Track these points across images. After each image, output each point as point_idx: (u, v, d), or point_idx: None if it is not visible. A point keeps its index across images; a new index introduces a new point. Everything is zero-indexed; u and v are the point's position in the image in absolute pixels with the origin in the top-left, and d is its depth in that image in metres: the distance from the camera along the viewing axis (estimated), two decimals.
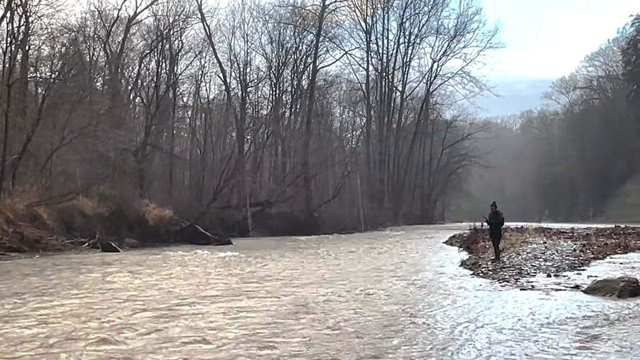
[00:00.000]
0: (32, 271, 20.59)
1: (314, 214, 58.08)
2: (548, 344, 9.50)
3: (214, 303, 13.54)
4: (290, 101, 68.69)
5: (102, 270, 20.88)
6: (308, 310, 12.64)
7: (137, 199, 39.91)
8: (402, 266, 22.87)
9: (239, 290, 15.80)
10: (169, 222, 39.65)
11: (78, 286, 16.49)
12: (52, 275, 19.23)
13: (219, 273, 20.57)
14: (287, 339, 9.90)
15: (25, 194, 32.59)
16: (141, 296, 14.69)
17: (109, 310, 12.49)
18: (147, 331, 10.39)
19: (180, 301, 13.78)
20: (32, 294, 14.88)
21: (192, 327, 10.75)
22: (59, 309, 12.65)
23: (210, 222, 42.86)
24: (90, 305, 13.26)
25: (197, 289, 15.96)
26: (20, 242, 28.78)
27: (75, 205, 34.46)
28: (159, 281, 17.87)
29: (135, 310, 12.55)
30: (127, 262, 24.74)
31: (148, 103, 51.28)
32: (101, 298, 14.36)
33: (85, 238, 32.53)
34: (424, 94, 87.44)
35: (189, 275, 19.90)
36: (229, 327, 10.81)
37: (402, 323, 11.21)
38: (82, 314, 12.05)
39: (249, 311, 12.44)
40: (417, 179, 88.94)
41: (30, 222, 31.00)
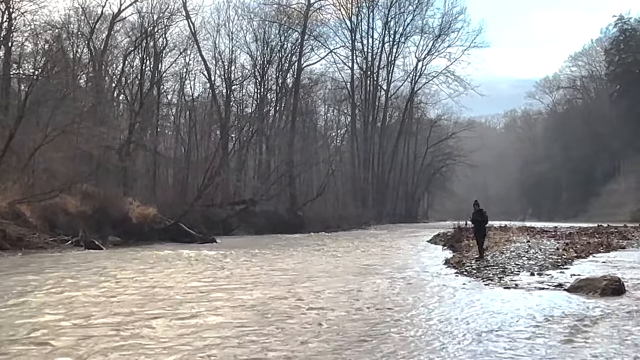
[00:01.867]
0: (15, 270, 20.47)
1: (298, 213, 58.08)
2: (531, 342, 9.55)
3: (201, 300, 13.55)
4: (275, 99, 68.63)
5: (86, 268, 20.79)
6: (291, 307, 12.65)
7: (121, 197, 39.68)
8: (386, 265, 22.89)
9: (218, 288, 15.80)
10: (153, 220, 39.41)
11: (57, 285, 16.39)
12: (33, 274, 19.12)
13: (204, 271, 20.51)
14: (269, 334, 9.92)
15: (7, 191, 32.28)
16: (124, 293, 14.63)
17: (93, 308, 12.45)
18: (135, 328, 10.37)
19: (158, 300, 13.74)
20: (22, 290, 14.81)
21: (171, 326, 10.73)
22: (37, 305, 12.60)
23: (195, 220, 42.67)
24: (68, 302, 13.20)
25: (177, 287, 15.91)
26: (2, 240, 28.46)
27: (58, 203, 34.17)
28: (143, 278, 17.80)
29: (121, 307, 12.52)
30: (113, 259, 24.62)
31: (132, 100, 51.01)
32: (81, 295, 14.29)
33: (68, 236, 32.21)
34: (409, 93, 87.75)
35: (170, 273, 19.83)
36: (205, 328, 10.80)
37: (386, 321, 11.24)
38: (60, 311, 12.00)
39: (230, 308, 12.44)
40: (402, 178, 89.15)
41: (12, 220, 30.69)
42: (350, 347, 9.29)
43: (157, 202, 42.20)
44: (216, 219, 48.07)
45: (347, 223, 61.13)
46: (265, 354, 8.94)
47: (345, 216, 63.79)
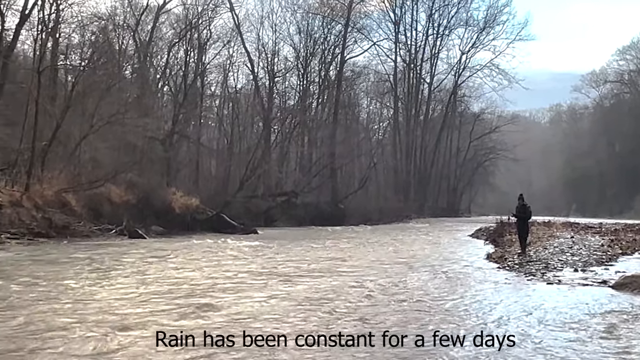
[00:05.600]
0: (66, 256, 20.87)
1: (339, 205, 58.07)
2: (573, 338, 9.44)
3: (245, 289, 13.69)
4: (317, 92, 68.61)
5: (131, 257, 21.10)
6: (336, 298, 12.72)
7: (164, 187, 40.14)
8: (428, 258, 22.81)
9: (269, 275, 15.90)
10: (195, 210, 39.83)
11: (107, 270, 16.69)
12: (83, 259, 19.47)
13: (250, 260, 20.68)
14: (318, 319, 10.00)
15: (54, 180, 32.91)
16: (173, 279, 14.82)
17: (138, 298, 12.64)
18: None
19: (207, 287, 13.89)
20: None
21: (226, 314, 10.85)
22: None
23: (237, 211, 42.98)
24: (120, 293, 13.41)
25: (218, 276, 16.06)
26: (48, 228, 29.12)
27: (103, 193, 34.75)
28: (192, 266, 18.01)
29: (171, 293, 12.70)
30: (156, 248, 24.94)
31: (176, 92, 51.52)
32: (131, 284, 14.50)
33: (112, 225, 32.82)
34: (452, 86, 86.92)
35: (214, 262, 20.04)
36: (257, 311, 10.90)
37: (428, 315, 11.19)
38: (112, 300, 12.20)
39: (281, 297, 12.53)
40: (444, 172, 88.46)
41: (59, 208, 31.32)
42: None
43: (199, 192, 42.61)
44: (258, 211, 48.35)
45: (388, 216, 60.91)
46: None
47: (386, 209, 63.57)
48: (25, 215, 28.97)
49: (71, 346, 8.52)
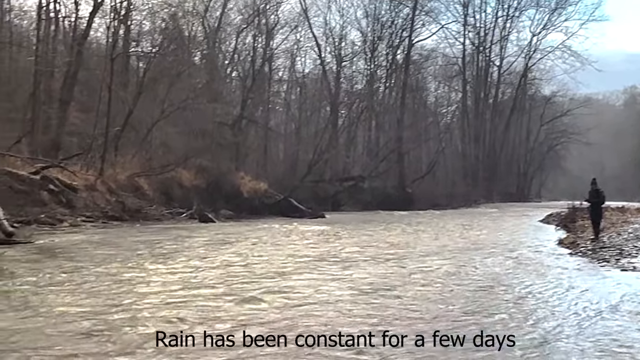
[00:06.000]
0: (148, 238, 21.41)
1: (407, 190, 57.76)
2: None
3: (324, 268, 13.85)
4: (385, 76, 68.21)
5: (198, 240, 21.50)
6: (410, 280, 12.70)
7: (233, 172, 40.63)
8: (498, 243, 22.50)
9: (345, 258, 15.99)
10: (264, 194, 40.28)
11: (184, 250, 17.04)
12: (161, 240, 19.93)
13: (316, 244, 20.81)
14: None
15: (127, 165, 33.75)
16: (237, 263, 15.04)
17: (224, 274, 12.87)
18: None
19: (270, 271, 14.03)
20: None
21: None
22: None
23: (304, 195, 43.21)
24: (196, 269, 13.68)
25: (282, 260, 16.21)
26: (122, 211, 29.92)
27: (173, 177, 35.43)
28: (257, 250, 18.23)
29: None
30: (224, 231, 25.29)
31: (244, 77, 51.98)
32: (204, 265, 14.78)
33: (183, 208, 33.45)
34: (522, 69, 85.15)
35: (280, 246, 20.23)
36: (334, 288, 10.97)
37: (499, 298, 11.08)
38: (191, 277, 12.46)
39: (344, 282, 12.56)
40: (513, 156, 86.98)
41: (131, 192, 32.13)
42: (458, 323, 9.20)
43: (267, 177, 43.00)
44: (325, 195, 48.51)
45: (456, 201, 60.32)
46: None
47: (454, 194, 62.96)
48: (99, 199, 29.83)
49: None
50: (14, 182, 25.42)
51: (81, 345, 7.62)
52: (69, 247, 18.83)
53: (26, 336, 8.05)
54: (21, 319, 8.99)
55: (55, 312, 9.41)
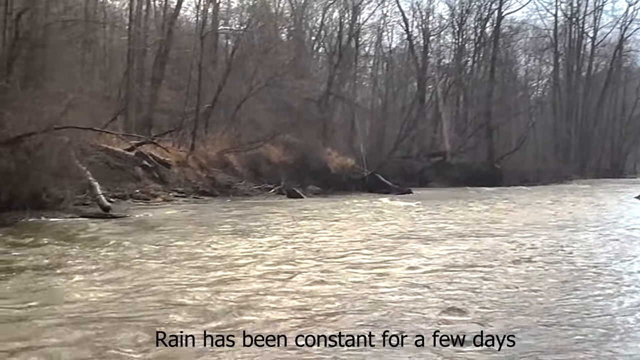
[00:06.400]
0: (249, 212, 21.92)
1: (495, 165, 56.76)
2: None
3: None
4: (473, 49, 66.92)
5: (285, 214, 21.84)
6: (486, 263, 12.45)
7: (320, 148, 40.81)
8: (591, 220, 21.89)
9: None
10: (351, 170, 40.40)
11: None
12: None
13: (401, 220, 20.81)
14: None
15: (216, 141, 34.43)
16: (321, 239, 15.23)
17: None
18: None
19: (373, 243, 14.14)
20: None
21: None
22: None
23: (391, 171, 43.07)
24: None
25: (381, 233, 16.29)
26: (212, 187, 30.66)
27: (262, 153, 35.91)
28: (344, 225, 18.40)
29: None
30: (310, 207, 25.56)
31: (331, 53, 51.96)
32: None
33: (271, 184, 33.97)
34: (617, 40, 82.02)
35: (365, 221, 20.32)
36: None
37: (593, 282, 10.72)
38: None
39: (429, 260, 12.54)
40: (607, 130, 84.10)
41: (221, 168, 32.82)
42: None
43: (354, 153, 43.05)
44: (412, 171, 48.25)
45: (547, 177, 58.89)
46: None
47: (544, 170, 61.46)
48: (191, 174, 30.59)
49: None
50: (110, 158, 26.33)
51: (165, 316, 7.92)
52: (161, 221, 19.46)
53: (112, 305, 8.39)
54: (111, 289, 9.38)
55: (142, 284, 9.76)
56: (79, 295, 8.88)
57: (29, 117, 19.46)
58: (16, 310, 8.05)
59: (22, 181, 18.65)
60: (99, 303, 8.46)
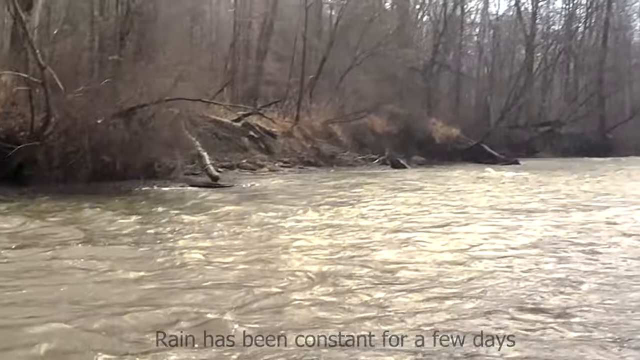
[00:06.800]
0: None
1: (607, 135, 54.76)
2: None
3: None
4: (584, 15, 64.42)
5: (395, 184, 21.84)
6: (582, 240, 11.35)
7: (425, 118, 40.50)
8: None
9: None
10: (456, 140, 39.97)
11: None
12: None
13: (506, 191, 20.42)
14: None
15: (321, 112, 34.67)
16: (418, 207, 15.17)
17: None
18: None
19: (475, 214, 13.99)
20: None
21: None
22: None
23: (497, 141, 42.28)
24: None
25: (483, 204, 16.07)
26: (317, 157, 30.99)
27: (366, 123, 35.95)
28: (445, 196, 18.25)
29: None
30: (414, 177, 25.42)
31: (436, 21, 51.18)
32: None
33: (375, 155, 34.00)
34: None
35: (469, 192, 20.03)
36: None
37: None
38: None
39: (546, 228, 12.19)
40: None
41: (325, 139, 33.06)
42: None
43: (459, 122, 42.47)
44: (519, 141, 47.25)
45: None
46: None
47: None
48: (295, 145, 30.98)
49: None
50: (218, 129, 26.94)
51: (261, 280, 8.05)
52: (268, 190, 19.83)
53: (229, 270, 8.61)
54: (228, 255, 9.64)
55: (256, 251, 9.97)
56: (197, 260, 9.13)
57: (141, 90, 20.04)
58: (142, 273, 8.36)
59: (136, 152, 19.31)
60: (213, 269, 8.69)
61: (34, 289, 7.49)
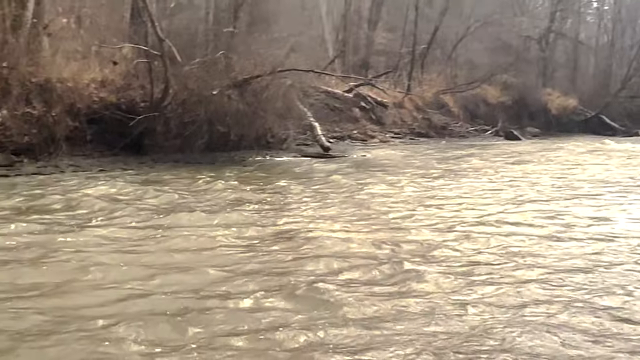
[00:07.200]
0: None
1: None
2: None
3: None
4: None
5: (507, 156, 21.39)
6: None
7: (540, 88, 39.38)
8: None
9: None
10: (572, 111, 38.76)
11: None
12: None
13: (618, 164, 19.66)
14: None
15: (432, 82, 34.25)
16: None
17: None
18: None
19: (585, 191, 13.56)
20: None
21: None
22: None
23: (617, 112, 40.65)
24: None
25: (594, 179, 15.56)
26: (428, 128, 30.76)
27: (478, 94, 35.28)
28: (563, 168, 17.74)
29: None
30: (530, 149, 24.83)
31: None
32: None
33: (487, 126, 33.40)
34: None
35: (592, 165, 19.40)
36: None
37: None
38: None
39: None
40: None
41: (437, 109, 32.65)
42: None
43: (577, 93, 41.05)
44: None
45: None
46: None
47: None
48: (406, 115, 30.77)
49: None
50: (330, 100, 27.00)
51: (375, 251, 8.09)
52: (380, 161, 19.86)
53: (337, 241, 8.64)
54: (333, 226, 9.70)
55: (375, 222, 9.99)
56: (318, 229, 9.26)
57: (255, 61, 20.32)
58: (267, 241, 8.56)
59: (250, 122, 19.67)
60: (337, 240, 8.70)
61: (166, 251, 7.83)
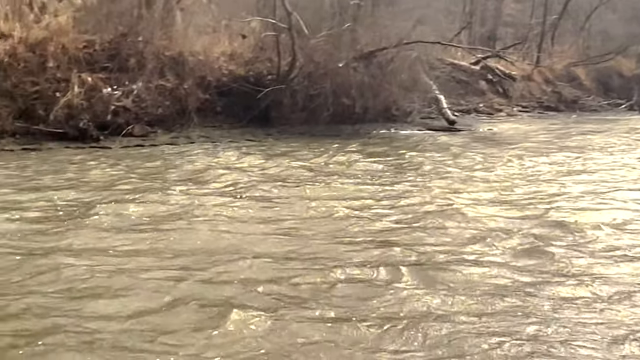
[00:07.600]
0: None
1: None
2: None
3: None
4: None
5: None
6: None
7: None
8: None
9: None
10: None
11: None
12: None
13: None
14: None
15: (563, 54, 33.06)
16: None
17: None
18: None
19: None
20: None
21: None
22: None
23: None
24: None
25: None
26: (557, 102, 29.76)
27: (612, 66, 33.75)
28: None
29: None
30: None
31: None
32: None
33: (621, 100, 32.02)
34: None
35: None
36: None
37: None
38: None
39: None
40: None
41: (567, 82, 31.51)
42: None
43: None
44: None
45: None
46: None
47: None
48: (535, 89, 29.88)
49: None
50: (456, 72, 26.53)
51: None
52: (508, 136, 19.45)
53: (475, 217, 8.49)
54: (466, 201, 9.53)
55: (511, 198, 9.76)
56: (452, 204, 9.16)
57: (381, 33, 20.24)
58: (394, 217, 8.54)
59: (375, 95, 19.64)
60: (475, 215, 8.60)
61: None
